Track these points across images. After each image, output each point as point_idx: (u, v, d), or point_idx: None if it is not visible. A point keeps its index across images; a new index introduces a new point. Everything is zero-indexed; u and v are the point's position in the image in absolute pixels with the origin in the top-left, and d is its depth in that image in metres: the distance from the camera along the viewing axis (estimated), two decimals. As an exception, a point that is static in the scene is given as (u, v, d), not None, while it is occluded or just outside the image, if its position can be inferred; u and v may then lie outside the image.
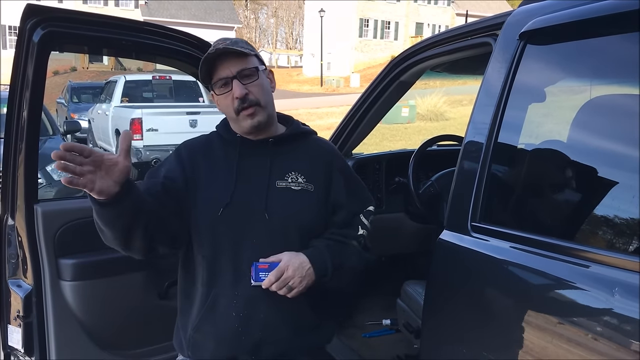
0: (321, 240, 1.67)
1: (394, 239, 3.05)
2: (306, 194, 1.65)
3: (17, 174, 2.08)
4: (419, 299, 2.37)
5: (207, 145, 1.71)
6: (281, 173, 1.65)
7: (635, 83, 1.38)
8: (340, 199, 1.70)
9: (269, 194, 1.62)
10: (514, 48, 1.63)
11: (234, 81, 1.59)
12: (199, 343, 1.63)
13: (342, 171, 1.74)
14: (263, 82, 1.64)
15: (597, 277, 1.27)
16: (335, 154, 1.80)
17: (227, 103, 1.61)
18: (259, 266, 1.55)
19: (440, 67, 2.57)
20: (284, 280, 1.54)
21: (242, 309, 1.59)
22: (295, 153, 1.70)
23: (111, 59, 26.86)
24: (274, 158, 1.66)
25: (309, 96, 29.83)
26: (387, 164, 3.07)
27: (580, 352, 1.25)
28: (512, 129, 1.68)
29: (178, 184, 1.62)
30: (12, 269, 2.17)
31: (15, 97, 2.03)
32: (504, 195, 1.74)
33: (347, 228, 1.72)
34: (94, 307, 2.24)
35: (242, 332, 1.59)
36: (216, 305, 1.60)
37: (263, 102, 1.62)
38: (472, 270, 1.64)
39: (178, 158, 1.68)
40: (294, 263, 1.56)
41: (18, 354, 2.19)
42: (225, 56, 1.59)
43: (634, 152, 1.32)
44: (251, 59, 1.63)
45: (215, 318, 1.60)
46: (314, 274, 1.58)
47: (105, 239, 1.49)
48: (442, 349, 1.75)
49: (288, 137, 1.71)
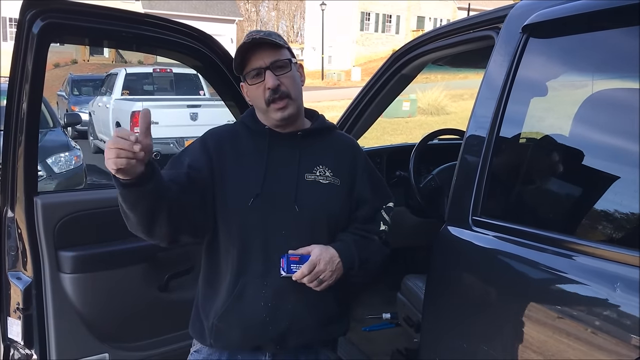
0: (347, 234, 1.69)
1: (395, 232, 3.04)
2: (333, 188, 1.67)
3: (17, 166, 2.08)
4: (419, 293, 2.37)
5: (233, 135, 1.71)
6: (309, 166, 1.67)
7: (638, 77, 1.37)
8: (365, 194, 1.72)
9: (298, 186, 1.63)
10: (516, 41, 1.62)
11: (266, 72, 1.60)
12: (223, 331, 1.64)
13: (365, 167, 1.76)
14: (295, 75, 1.66)
15: (597, 271, 1.26)
16: (359, 149, 1.81)
17: (259, 93, 1.62)
18: (290, 258, 1.56)
19: (442, 61, 2.56)
20: (315, 274, 1.56)
21: (270, 299, 1.60)
22: (321, 147, 1.72)
23: (112, 51, 26.80)
24: (302, 151, 1.67)
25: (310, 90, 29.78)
26: (388, 157, 3.06)
27: (580, 346, 1.25)
28: (513, 123, 1.67)
29: (203, 174, 1.62)
30: (12, 261, 2.17)
31: (15, 89, 2.02)
32: (505, 189, 1.73)
33: (370, 223, 1.74)
34: (93, 299, 2.24)
35: (269, 321, 1.60)
36: (244, 295, 1.61)
37: (294, 94, 1.63)
38: (473, 264, 1.64)
39: (204, 147, 1.67)
40: (325, 257, 1.58)
41: (18, 347, 2.19)
42: (259, 47, 1.60)
43: (636, 147, 1.32)
44: (284, 51, 1.64)
45: (243, 307, 1.61)
46: (342, 267, 1.60)
47: (130, 224, 1.50)
48: (442, 342, 1.75)
49: (315, 131, 1.73)
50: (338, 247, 1.63)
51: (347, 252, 1.63)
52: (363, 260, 1.65)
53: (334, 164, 1.70)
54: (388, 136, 13.11)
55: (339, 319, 1.74)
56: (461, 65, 3.02)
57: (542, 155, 1.70)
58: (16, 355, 2.21)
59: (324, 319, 1.67)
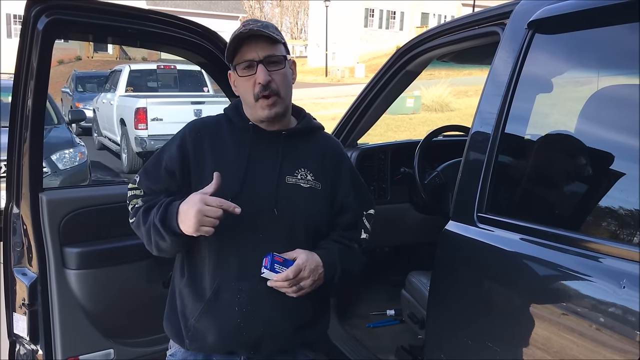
0: (331, 243, 1.66)
1: (399, 229, 3.04)
2: (314, 192, 1.62)
3: (22, 163, 2.08)
4: (424, 290, 2.37)
5: (215, 130, 1.66)
6: (291, 168, 1.62)
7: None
8: (348, 200, 1.68)
9: (278, 189, 1.59)
10: (521, 37, 1.62)
11: (259, 65, 1.55)
12: (199, 334, 1.60)
13: (349, 173, 1.73)
14: (287, 73, 1.61)
15: (603, 268, 1.26)
16: (344, 154, 1.77)
17: (248, 87, 1.57)
18: (275, 258, 1.51)
19: (446, 57, 2.55)
20: (298, 280, 1.52)
21: (245, 305, 1.56)
22: (305, 149, 1.67)
23: (116, 48, 26.81)
24: (285, 152, 1.63)
25: (314, 86, 29.72)
26: (393, 154, 3.06)
27: (585, 343, 1.25)
28: (519, 119, 1.67)
29: (177, 179, 1.61)
30: (18, 257, 2.18)
31: (20, 85, 2.03)
32: (510, 186, 1.73)
33: (351, 230, 1.71)
34: (98, 295, 2.24)
35: (243, 327, 1.56)
36: (219, 299, 1.57)
37: (283, 93, 1.59)
38: (478, 260, 1.63)
39: (182, 145, 1.63)
40: (311, 264, 1.54)
41: (23, 342, 2.20)
42: (255, 38, 1.55)
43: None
44: (280, 46, 1.59)
45: (217, 311, 1.58)
46: (324, 277, 1.57)
47: (161, 253, 1.60)
48: (446, 339, 1.75)
49: (300, 132, 1.68)
50: (322, 255, 1.58)
51: (331, 263, 1.59)
52: (344, 270, 1.62)
53: (316, 167, 1.65)
54: (392, 133, 13.09)
55: (317, 321, 1.70)
56: (466, 62, 3.01)
57: (547, 151, 1.69)
58: (22, 350, 2.22)
59: (300, 323, 1.63)
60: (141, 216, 1.58)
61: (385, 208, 2.94)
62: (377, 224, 1.77)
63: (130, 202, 1.66)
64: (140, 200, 1.63)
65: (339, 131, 2.84)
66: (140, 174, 1.67)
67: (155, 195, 1.62)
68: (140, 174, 1.68)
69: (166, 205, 1.53)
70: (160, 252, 1.59)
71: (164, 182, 1.63)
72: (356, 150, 2.94)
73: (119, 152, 10.16)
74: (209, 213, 1.43)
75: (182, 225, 1.47)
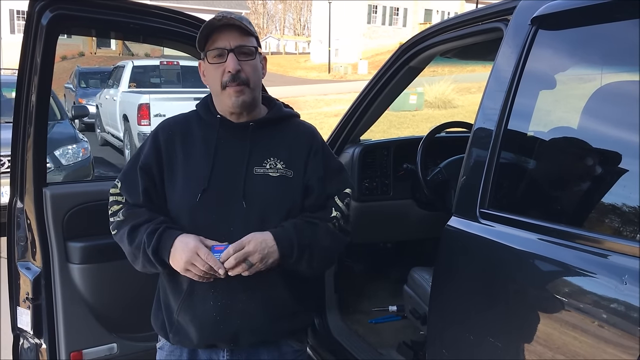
0: (288, 221, 1.60)
1: (401, 225, 3.05)
2: (285, 180, 1.61)
3: (26, 158, 2.09)
4: (426, 286, 2.37)
5: (185, 127, 1.67)
6: (260, 159, 1.61)
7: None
8: (313, 182, 1.65)
9: (246, 180, 1.58)
10: (525, 33, 1.61)
11: (229, 54, 1.56)
12: (181, 328, 1.63)
13: (318, 154, 1.68)
14: (257, 64, 1.62)
15: (606, 264, 1.26)
16: (315, 137, 1.73)
17: (216, 75, 1.58)
18: (215, 248, 1.50)
19: (450, 53, 2.54)
20: (244, 254, 1.49)
21: (220, 298, 1.57)
22: (276, 138, 1.66)
23: (119, 44, 26.84)
24: (253, 143, 1.62)
25: (317, 83, 29.73)
26: (396, 150, 3.06)
27: (586, 338, 1.25)
28: (522, 116, 1.67)
29: (154, 177, 1.63)
30: (21, 251, 2.19)
31: (24, 81, 2.04)
32: (513, 182, 1.73)
33: (319, 211, 1.65)
34: (102, 290, 2.25)
35: (220, 320, 1.57)
36: (194, 293, 1.59)
37: (252, 83, 1.59)
38: (480, 256, 1.63)
39: (154, 145, 1.65)
40: (257, 238, 1.51)
41: (27, 336, 2.21)
42: (228, 28, 1.57)
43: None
44: (251, 39, 1.62)
45: (194, 305, 1.59)
46: (278, 252, 1.53)
47: (142, 270, 1.65)
48: (448, 335, 1.75)
49: (269, 122, 1.67)
50: (274, 231, 1.55)
51: (284, 236, 1.54)
52: (303, 246, 1.56)
53: (287, 155, 1.64)
54: (395, 129, 13.08)
55: (297, 312, 1.68)
56: (469, 58, 3.01)
57: (550, 148, 1.69)
58: (26, 344, 2.23)
59: (278, 315, 1.62)
60: (126, 235, 1.61)
61: (388, 204, 2.95)
62: (379, 220, 1.77)
63: (111, 208, 1.68)
64: (122, 213, 1.64)
65: (341, 127, 2.84)
66: (121, 179, 1.68)
67: (135, 208, 1.63)
68: (120, 179, 1.69)
69: (160, 234, 1.54)
70: (144, 271, 1.64)
71: (142, 184, 1.63)
72: (359, 147, 2.94)
73: (121, 148, 10.19)
74: (197, 264, 1.48)
75: (172, 261, 1.53)
